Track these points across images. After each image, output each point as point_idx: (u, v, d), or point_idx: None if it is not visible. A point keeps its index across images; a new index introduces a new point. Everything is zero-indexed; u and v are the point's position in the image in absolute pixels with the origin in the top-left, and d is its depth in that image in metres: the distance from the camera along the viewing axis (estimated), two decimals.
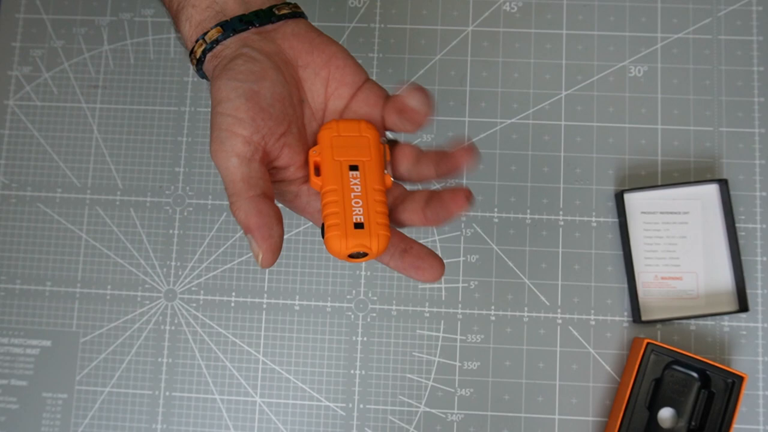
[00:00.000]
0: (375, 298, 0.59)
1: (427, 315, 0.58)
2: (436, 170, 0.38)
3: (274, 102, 0.36)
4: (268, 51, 0.37)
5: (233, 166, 0.35)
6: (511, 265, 0.59)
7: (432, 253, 0.38)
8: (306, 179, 0.38)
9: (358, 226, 0.35)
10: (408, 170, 0.39)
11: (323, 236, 0.36)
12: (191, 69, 0.62)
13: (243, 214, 0.35)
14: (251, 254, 0.60)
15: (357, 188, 0.36)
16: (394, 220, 0.38)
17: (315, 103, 0.39)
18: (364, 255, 0.36)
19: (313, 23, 0.40)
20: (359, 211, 0.36)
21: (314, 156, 0.37)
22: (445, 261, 0.59)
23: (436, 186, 0.49)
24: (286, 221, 0.60)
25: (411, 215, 0.38)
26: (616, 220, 0.59)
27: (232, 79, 0.35)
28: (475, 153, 0.37)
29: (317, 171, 0.37)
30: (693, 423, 0.55)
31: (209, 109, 0.61)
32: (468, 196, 0.36)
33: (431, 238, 0.59)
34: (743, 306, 0.56)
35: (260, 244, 0.35)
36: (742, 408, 0.56)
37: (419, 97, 0.37)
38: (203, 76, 0.40)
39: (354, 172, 0.37)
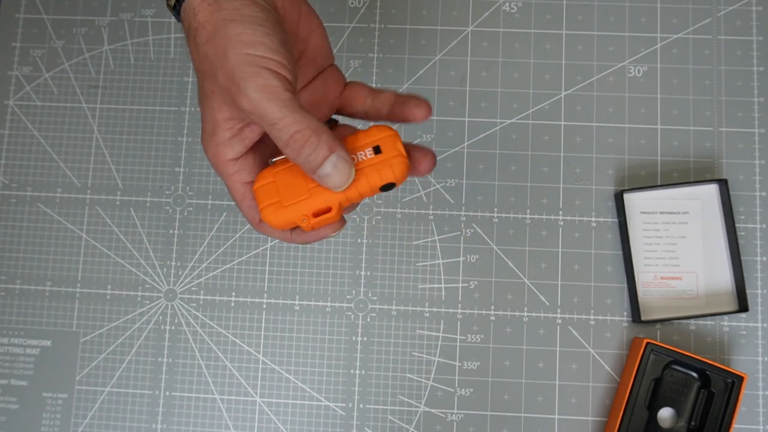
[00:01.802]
0: (375, 298, 0.59)
1: (427, 315, 0.58)
2: (388, 110, 0.39)
3: (291, 49, 0.36)
4: (272, 5, 0.36)
5: (286, 98, 0.34)
6: (511, 265, 0.59)
7: (414, 97, 0.39)
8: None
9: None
10: (364, 108, 0.40)
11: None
12: (191, 69, 0.62)
13: (325, 139, 0.34)
14: (251, 254, 0.60)
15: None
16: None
17: None
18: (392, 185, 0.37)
19: None
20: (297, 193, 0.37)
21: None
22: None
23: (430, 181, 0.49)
24: None
25: (374, 103, 0.39)
26: (616, 220, 0.59)
27: (261, 25, 0.34)
28: (427, 109, 0.38)
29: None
30: (693, 423, 0.55)
31: None
32: (429, 108, 0.38)
33: (431, 238, 0.59)
34: (743, 306, 0.56)
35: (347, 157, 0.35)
36: (741, 408, 0.56)
37: (421, 112, 0.38)
38: (178, 15, 0.38)
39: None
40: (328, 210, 0.37)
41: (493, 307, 0.58)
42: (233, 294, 0.59)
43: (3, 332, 0.60)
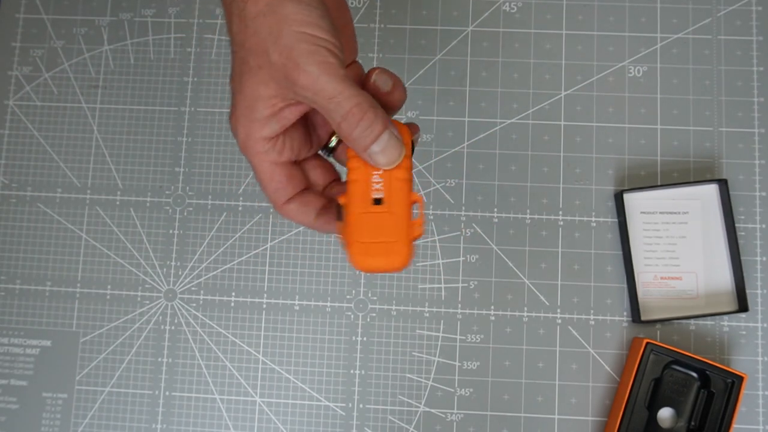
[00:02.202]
0: (375, 298, 0.59)
1: (427, 315, 0.58)
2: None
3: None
4: None
5: (343, 74, 0.34)
6: (511, 265, 0.59)
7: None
8: None
9: (379, 242, 0.36)
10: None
11: (343, 246, 0.36)
12: (191, 69, 0.62)
13: (381, 114, 0.35)
14: (251, 254, 0.60)
15: (380, 207, 0.37)
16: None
17: None
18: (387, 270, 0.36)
19: None
20: (383, 229, 0.36)
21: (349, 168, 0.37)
22: (444, 261, 0.59)
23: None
24: (284, 221, 0.60)
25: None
26: (616, 220, 0.59)
27: (315, 8, 0.35)
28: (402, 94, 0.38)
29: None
30: (693, 423, 0.55)
31: (209, 109, 0.61)
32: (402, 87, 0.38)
33: (431, 238, 0.59)
34: (743, 306, 0.56)
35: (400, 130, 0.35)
36: (741, 408, 0.56)
37: (383, 79, 0.38)
38: None
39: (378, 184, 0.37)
40: (416, 201, 0.37)
41: (493, 307, 0.58)
42: (233, 294, 0.59)
43: (3, 332, 0.60)
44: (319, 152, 0.41)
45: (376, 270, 0.36)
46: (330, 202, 0.39)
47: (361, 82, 0.39)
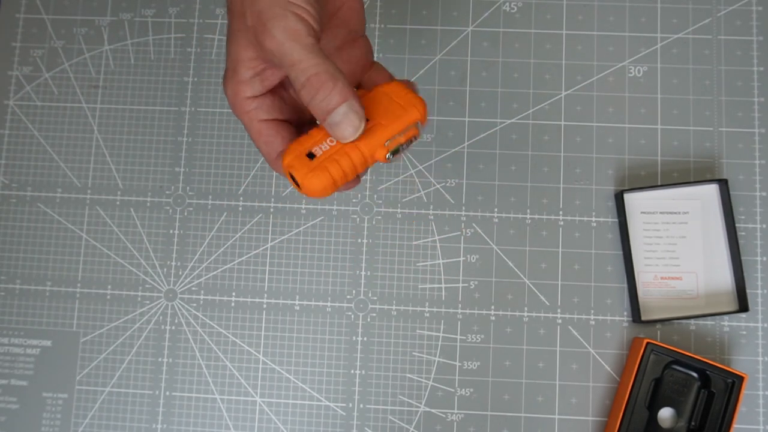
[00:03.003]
0: (375, 298, 0.59)
1: (427, 315, 0.58)
2: None
3: (322, 4, 0.38)
4: None
5: (309, 42, 0.35)
6: (511, 265, 0.59)
7: None
8: None
9: (311, 156, 0.37)
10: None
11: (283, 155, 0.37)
12: (191, 69, 0.62)
13: (340, 86, 0.35)
14: (251, 254, 0.60)
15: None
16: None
17: None
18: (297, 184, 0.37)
19: None
20: (325, 147, 0.37)
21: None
22: (445, 261, 0.59)
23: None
24: (285, 221, 0.60)
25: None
26: (616, 220, 0.59)
27: None
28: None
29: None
30: (693, 423, 0.55)
31: (209, 110, 0.61)
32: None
33: (431, 238, 0.59)
34: (743, 306, 0.56)
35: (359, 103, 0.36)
36: (742, 408, 0.56)
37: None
38: None
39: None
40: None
41: (493, 307, 0.58)
42: (233, 294, 0.59)
43: (3, 332, 0.60)
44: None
45: (292, 171, 0.36)
46: None
47: (365, 63, 0.40)
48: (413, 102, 0.38)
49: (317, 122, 0.40)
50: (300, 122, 0.41)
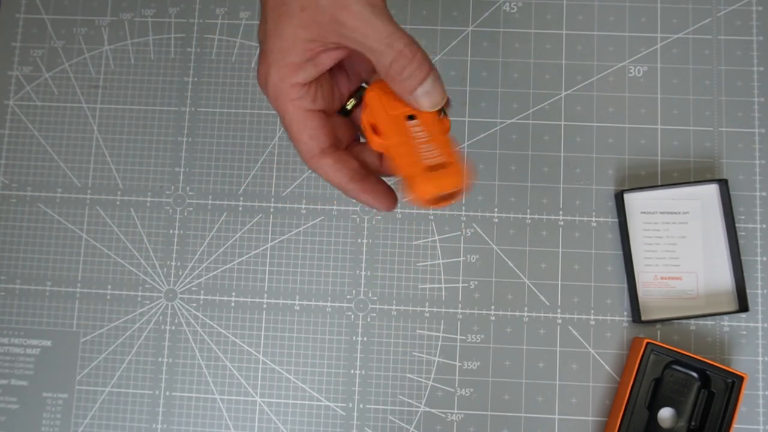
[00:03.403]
0: (375, 298, 0.59)
1: (427, 315, 0.58)
2: None
3: None
4: None
5: (390, 16, 0.35)
6: (511, 265, 0.59)
7: (387, 187, 0.39)
8: None
9: (435, 168, 0.35)
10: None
11: (404, 189, 0.35)
12: (191, 69, 0.62)
13: (427, 57, 0.35)
14: (251, 254, 0.60)
15: (421, 135, 0.36)
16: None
17: None
18: (452, 195, 0.35)
19: None
20: (433, 153, 0.35)
21: (368, 118, 0.37)
22: (445, 261, 0.59)
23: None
24: (285, 221, 0.60)
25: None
26: (616, 220, 0.59)
27: None
28: None
29: (375, 130, 0.37)
30: (693, 423, 0.55)
31: (209, 110, 0.61)
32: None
33: (431, 238, 0.59)
34: (743, 306, 0.56)
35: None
36: (742, 408, 0.56)
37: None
38: None
39: (413, 122, 0.37)
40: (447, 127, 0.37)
41: (493, 307, 0.58)
42: (233, 294, 0.59)
43: (3, 332, 0.60)
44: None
45: (442, 190, 0.35)
46: (364, 169, 0.38)
47: None
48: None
49: (344, 113, 0.39)
50: (332, 111, 0.39)
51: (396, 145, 0.36)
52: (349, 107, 0.40)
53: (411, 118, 0.37)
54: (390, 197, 0.38)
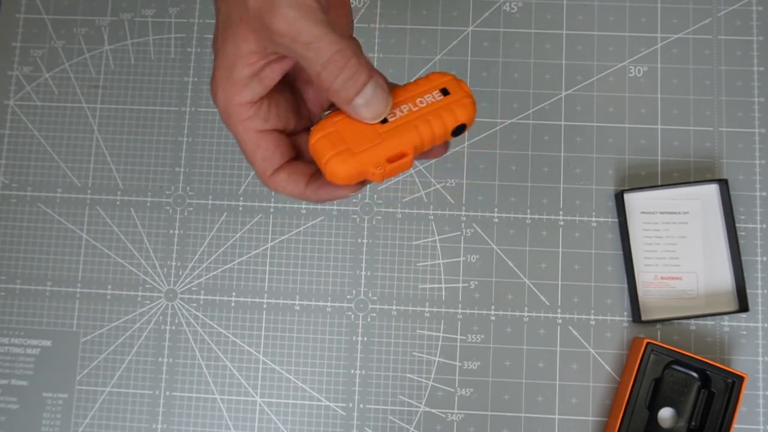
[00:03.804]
0: (375, 298, 0.59)
1: (427, 315, 0.58)
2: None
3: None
4: None
5: (323, 18, 0.31)
6: (511, 265, 0.59)
7: None
8: None
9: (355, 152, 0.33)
10: None
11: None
12: (191, 69, 0.62)
13: (365, 62, 0.32)
14: (251, 254, 0.60)
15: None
16: None
17: None
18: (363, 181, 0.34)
19: None
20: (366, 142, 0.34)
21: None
22: (445, 261, 0.59)
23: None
24: (285, 221, 0.60)
25: None
26: (616, 220, 0.59)
27: None
28: (446, 148, 0.37)
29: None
30: (693, 423, 0.55)
31: (209, 110, 0.61)
32: (446, 146, 0.36)
33: (431, 238, 0.59)
34: (743, 306, 0.56)
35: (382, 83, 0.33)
36: (742, 408, 0.56)
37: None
38: None
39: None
40: (403, 155, 0.33)
41: (493, 307, 0.58)
42: (233, 294, 0.59)
43: (3, 332, 0.60)
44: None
45: (315, 156, 0.33)
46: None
47: (349, 34, 0.36)
48: (463, 101, 0.35)
49: (326, 113, 0.37)
50: (297, 128, 0.37)
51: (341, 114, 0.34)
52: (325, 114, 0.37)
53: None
54: (357, 186, 0.36)
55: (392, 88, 0.35)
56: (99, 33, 0.63)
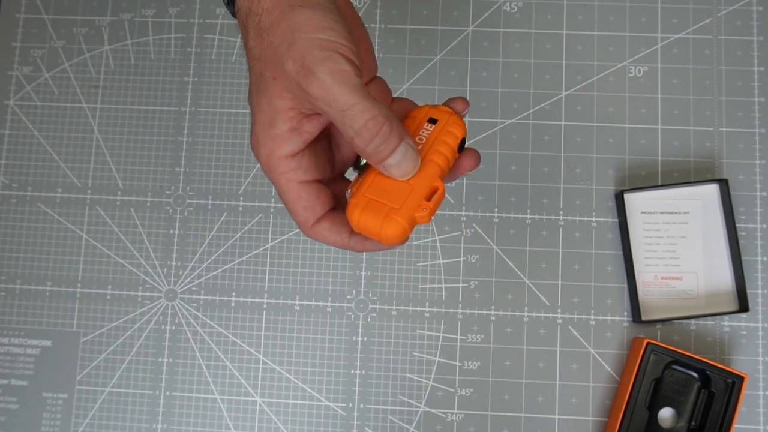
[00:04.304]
0: (375, 298, 0.59)
1: (427, 315, 0.58)
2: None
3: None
4: (334, 0, 0.35)
5: (358, 83, 0.33)
6: (511, 265, 0.59)
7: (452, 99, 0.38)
8: None
9: (380, 208, 0.34)
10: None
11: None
12: (191, 69, 0.62)
13: (396, 126, 0.33)
14: (251, 254, 0.60)
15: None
16: None
17: None
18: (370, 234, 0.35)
19: None
20: (394, 197, 0.35)
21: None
22: (445, 261, 0.59)
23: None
24: (285, 221, 0.60)
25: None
26: (616, 220, 0.59)
27: (329, 12, 0.33)
28: (478, 159, 0.38)
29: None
30: (693, 423, 0.55)
31: (209, 110, 0.61)
32: (478, 158, 0.38)
33: (431, 238, 0.59)
34: (743, 306, 0.56)
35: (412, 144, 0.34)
36: (742, 408, 0.56)
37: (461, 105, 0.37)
38: (232, 11, 0.37)
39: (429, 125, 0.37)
40: (436, 189, 0.35)
41: (493, 307, 0.58)
42: (233, 294, 0.59)
43: (3, 332, 0.60)
44: (352, 169, 0.39)
45: (365, 231, 0.34)
46: None
47: (389, 99, 0.38)
48: (451, 120, 0.37)
49: (359, 169, 0.38)
50: (335, 174, 0.38)
51: (371, 172, 0.36)
52: (363, 163, 0.38)
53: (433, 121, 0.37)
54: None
55: None
56: (99, 33, 0.63)
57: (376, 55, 0.62)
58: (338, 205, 0.37)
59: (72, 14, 0.64)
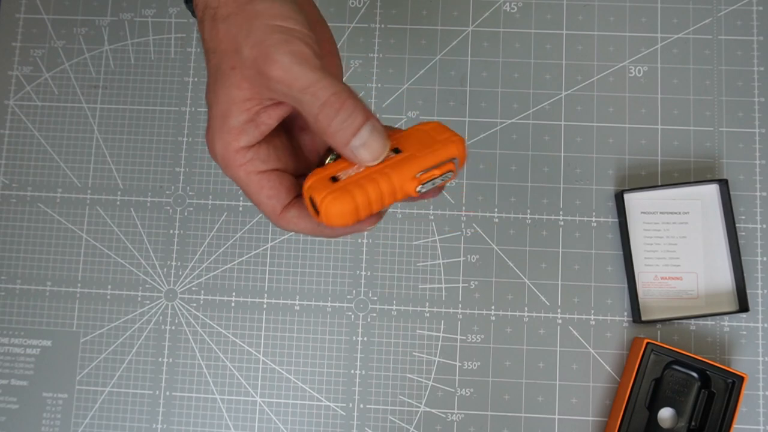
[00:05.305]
0: (375, 298, 0.59)
1: (427, 315, 0.58)
2: None
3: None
4: None
5: (318, 64, 0.32)
6: (511, 265, 0.59)
7: None
8: None
9: (334, 179, 0.33)
10: None
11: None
12: (191, 69, 0.62)
13: (361, 105, 0.32)
14: (251, 254, 0.60)
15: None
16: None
17: None
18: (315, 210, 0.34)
19: None
20: (351, 173, 0.33)
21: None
22: (445, 261, 0.59)
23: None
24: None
25: None
26: (616, 220, 0.59)
27: (289, 2, 0.33)
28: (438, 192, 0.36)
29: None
30: (693, 423, 0.55)
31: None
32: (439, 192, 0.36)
33: (431, 238, 0.59)
34: (743, 306, 0.56)
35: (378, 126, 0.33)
36: (742, 408, 0.56)
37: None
38: (191, 8, 0.37)
39: (392, 153, 0.34)
40: (408, 191, 0.33)
41: (493, 307, 0.58)
42: (233, 294, 0.59)
43: (3, 332, 0.60)
44: None
45: (312, 209, 0.33)
46: None
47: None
48: (452, 139, 0.35)
49: (329, 159, 0.37)
50: (296, 172, 0.37)
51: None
52: (329, 160, 0.36)
53: (396, 151, 0.34)
54: (377, 217, 0.36)
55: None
56: (99, 33, 0.63)
57: (377, 55, 0.62)
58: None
59: (72, 14, 0.64)
